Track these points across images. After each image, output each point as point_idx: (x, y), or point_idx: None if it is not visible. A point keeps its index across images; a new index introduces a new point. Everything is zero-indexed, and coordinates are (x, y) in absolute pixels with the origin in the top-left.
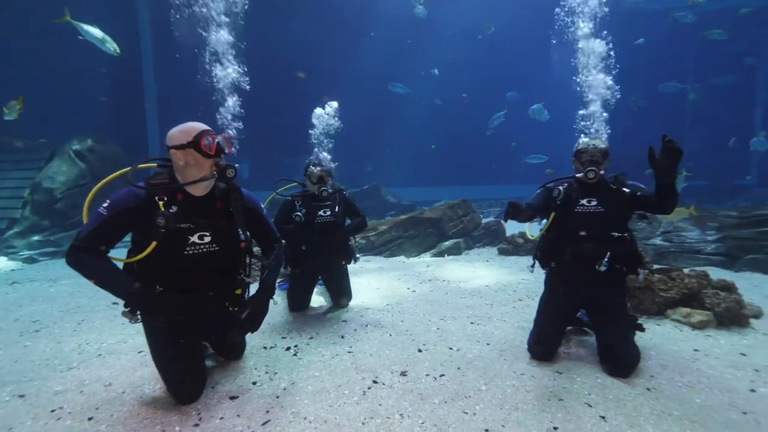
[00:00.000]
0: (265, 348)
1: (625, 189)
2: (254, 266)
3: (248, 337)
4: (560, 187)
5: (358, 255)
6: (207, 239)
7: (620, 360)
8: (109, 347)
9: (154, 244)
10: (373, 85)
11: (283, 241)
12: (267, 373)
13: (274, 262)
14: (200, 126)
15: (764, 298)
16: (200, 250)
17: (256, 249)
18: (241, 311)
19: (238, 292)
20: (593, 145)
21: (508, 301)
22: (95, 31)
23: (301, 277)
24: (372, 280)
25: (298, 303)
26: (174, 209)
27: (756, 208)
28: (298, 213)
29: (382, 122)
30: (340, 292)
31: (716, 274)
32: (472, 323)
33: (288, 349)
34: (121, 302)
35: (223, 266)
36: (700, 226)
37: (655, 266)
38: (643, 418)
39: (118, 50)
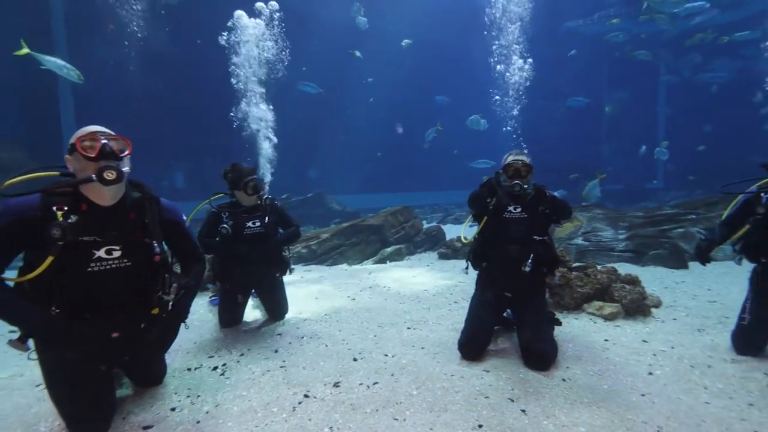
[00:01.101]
0: (189, 369)
1: (546, 195)
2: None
3: (170, 358)
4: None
5: (293, 266)
6: (116, 254)
7: (539, 355)
8: (1, 383)
9: (49, 259)
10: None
11: (207, 256)
12: (189, 396)
13: (193, 282)
14: (90, 129)
15: (664, 289)
16: (108, 267)
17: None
18: (148, 332)
19: (156, 311)
20: (519, 160)
21: (444, 304)
22: (56, 61)
23: (232, 292)
24: (312, 290)
25: (230, 318)
26: (73, 219)
27: (658, 209)
28: (225, 225)
29: (326, 129)
30: (275, 305)
31: (626, 269)
32: (408, 328)
33: (215, 368)
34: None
35: (136, 284)
36: (614, 226)
37: (574, 264)
38: (558, 408)
39: (81, 77)
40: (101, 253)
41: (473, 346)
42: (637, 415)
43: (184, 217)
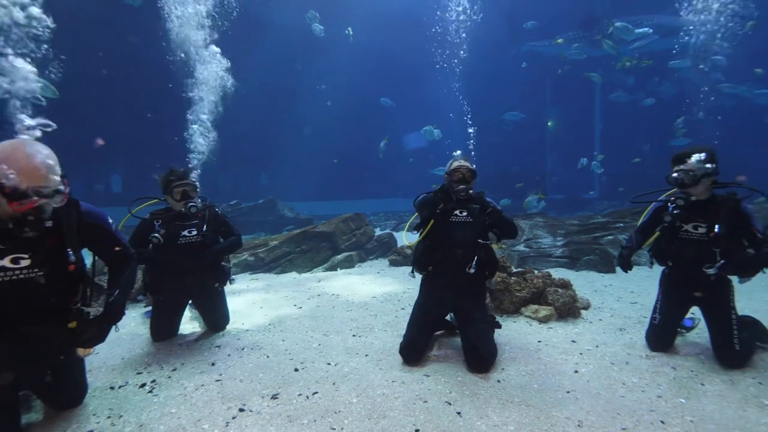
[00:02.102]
0: (112, 388)
1: (490, 205)
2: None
3: (92, 377)
4: (438, 198)
5: (234, 276)
6: (25, 263)
7: (482, 358)
8: None
9: None
10: (267, 97)
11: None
12: (109, 417)
13: (124, 281)
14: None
15: (594, 292)
16: (14, 277)
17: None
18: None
19: (73, 325)
20: (464, 165)
21: (392, 311)
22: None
23: (166, 304)
24: (257, 299)
25: (163, 331)
26: None
27: (592, 218)
28: (156, 234)
29: (279, 135)
30: (214, 316)
31: (562, 273)
32: (354, 336)
33: (142, 385)
34: None
35: (49, 296)
36: (552, 233)
37: (515, 270)
38: (491, 408)
39: (57, 93)
40: (5, 262)
41: (412, 349)
42: (561, 412)
43: (110, 221)
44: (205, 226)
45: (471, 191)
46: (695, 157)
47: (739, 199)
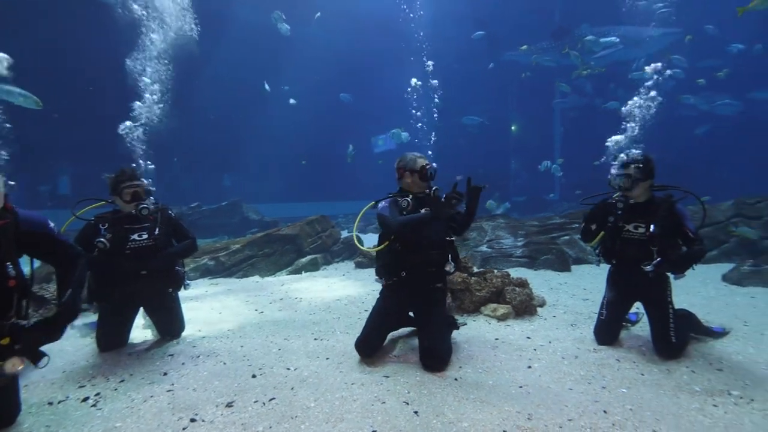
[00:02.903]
0: (50, 404)
1: (450, 195)
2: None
3: (27, 392)
4: (407, 198)
5: (188, 281)
6: None
7: (436, 357)
8: None
9: None
10: (231, 95)
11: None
12: None
13: (75, 280)
14: None
15: (550, 290)
16: None
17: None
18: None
19: (5, 342)
20: (430, 164)
21: (355, 313)
22: (14, 89)
23: (114, 311)
24: (216, 305)
25: (110, 341)
26: None
27: (550, 219)
28: (102, 239)
29: (244, 135)
30: (167, 324)
31: (522, 273)
32: (315, 339)
33: (85, 399)
34: None
35: None
36: (513, 234)
37: (476, 270)
38: (447, 406)
39: (40, 103)
40: None
41: (366, 344)
42: (513, 406)
43: (51, 224)
44: (157, 229)
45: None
46: (633, 164)
47: (674, 201)
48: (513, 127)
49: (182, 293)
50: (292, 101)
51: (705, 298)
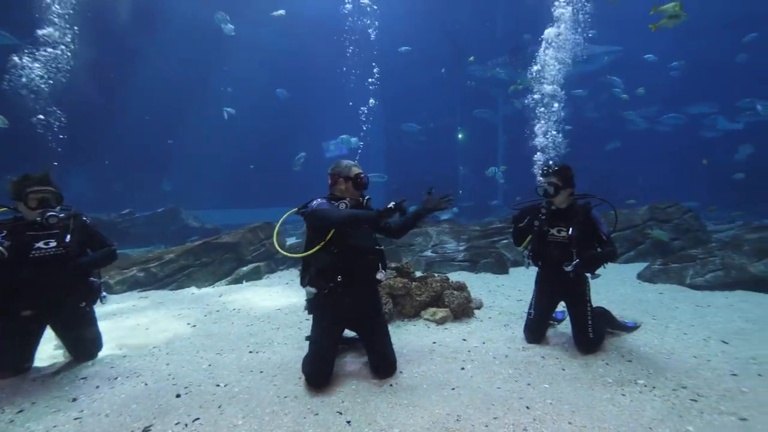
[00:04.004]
0: None
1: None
2: None
3: None
4: (345, 201)
5: (105, 294)
6: None
7: (391, 362)
8: None
9: None
10: (170, 95)
11: None
12: None
13: None
14: None
15: (488, 292)
16: None
17: None
18: None
19: None
20: (364, 173)
21: (296, 322)
22: None
23: (13, 330)
24: (142, 320)
25: (9, 364)
26: None
27: (491, 224)
28: None
29: (184, 137)
30: (80, 343)
31: (464, 276)
32: (250, 352)
33: None
34: None
35: None
36: (456, 239)
37: (418, 274)
38: (380, 413)
39: (6, 122)
40: None
41: (321, 375)
42: (443, 408)
43: None
44: (68, 237)
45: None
46: (555, 173)
47: (590, 207)
48: (460, 135)
49: (101, 308)
50: (228, 111)
51: (622, 295)
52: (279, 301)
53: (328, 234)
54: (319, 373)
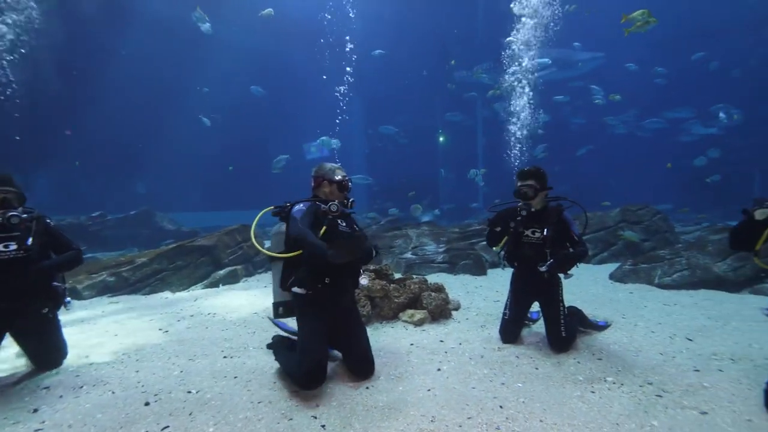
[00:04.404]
0: None
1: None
2: None
3: None
4: (335, 202)
5: (69, 299)
6: None
7: (370, 362)
8: None
9: None
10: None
11: None
12: None
13: None
14: None
15: (466, 293)
16: None
17: None
18: None
19: None
20: (347, 177)
21: (272, 326)
22: None
23: None
24: (112, 326)
25: None
26: None
27: (470, 226)
28: None
29: (160, 137)
30: (42, 351)
31: (443, 278)
32: (224, 357)
33: None
34: None
35: None
36: (436, 241)
37: (396, 276)
38: (355, 417)
39: None
40: None
41: (319, 378)
42: (419, 410)
43: None
44: (30, 239)
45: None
46: (533, 175)
47: (562, 209)
48: (441, 138)
49: (67, 315)
50: (205, 120)
51: (594, 295)
52: (256, 304)
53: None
54: (318, 373)
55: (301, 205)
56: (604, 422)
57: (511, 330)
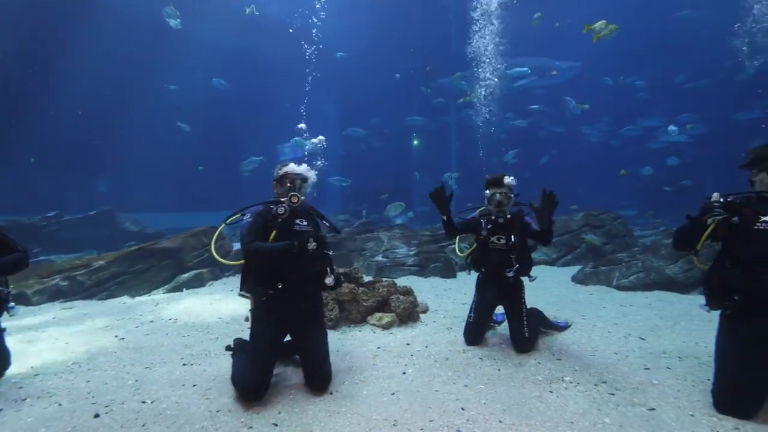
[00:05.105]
0: None
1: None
2: None
3: None
4: (284, 206)
5: (13, 304)
6: None
7: (328, 376)
8: None
9: None
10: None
11: None
12: None
13: None
14: None
15: (435, 296)
16: None
17: None
18: None
19: None
20: (297, 172)
21: (236, 332)
22: None
23: None
24: (63, 334)
25: None
26: None
27: (441, 229)
28: None
29: (123, 134)
30: None
31: (412, 281)
32: (184, 365)
33: None
34: None
35: None
36: (407, 243)
37: (365, 279)
38: (317, 423)
39: None
40: None
41: (255, 391)
42: (381, 414)
43: None
44: None
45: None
46: (507, 180)
47: (523, 213)
48: (415, 142)
49: (12, 321)
50: (184, 126)
51: (557, 296)
52: (221, 309)
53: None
54: (254, 386)
55: (248, 215)
56: (559, 421)
57: (475, 332)
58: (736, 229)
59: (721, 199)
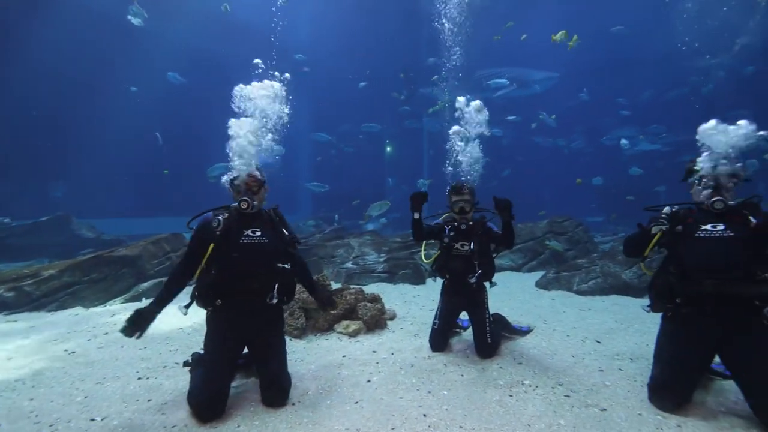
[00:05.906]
0: None
1: (284, 219)
2: None
3: None
4: (219, 217)
5: None
6: None
7: (282, 390)
8: None
9: None
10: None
11: None
12: None
13: None
14: None
15: (404, 303)
16: None
17: None
18: None
19: None
20: (248, 174)
21: (198, 343)
22: None
23: None
24: (5, 349)
25: None
26: None
27: (411, 235)
28: None
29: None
30: None
31: (382, 287)
32: (139, 379)
33: None
34: None
35: None
36: (377, 250)
37: (334, 287)
38: None
39: None
40: None
41: (210, 410)
42: (344, 423)
43: None
44: None
45: (256, 203)
46: (467, 189)
47: (485, 220)
48: (388, 148)
49: None
50: (158, 136)
51: (521, 302)
52: (183, 319)
53: (205, 254)
54: (207, 405)
55: (203, 215)
56: (517, 424)
57: (440, 339)
58: (679, 237)
59: (668, 210)
